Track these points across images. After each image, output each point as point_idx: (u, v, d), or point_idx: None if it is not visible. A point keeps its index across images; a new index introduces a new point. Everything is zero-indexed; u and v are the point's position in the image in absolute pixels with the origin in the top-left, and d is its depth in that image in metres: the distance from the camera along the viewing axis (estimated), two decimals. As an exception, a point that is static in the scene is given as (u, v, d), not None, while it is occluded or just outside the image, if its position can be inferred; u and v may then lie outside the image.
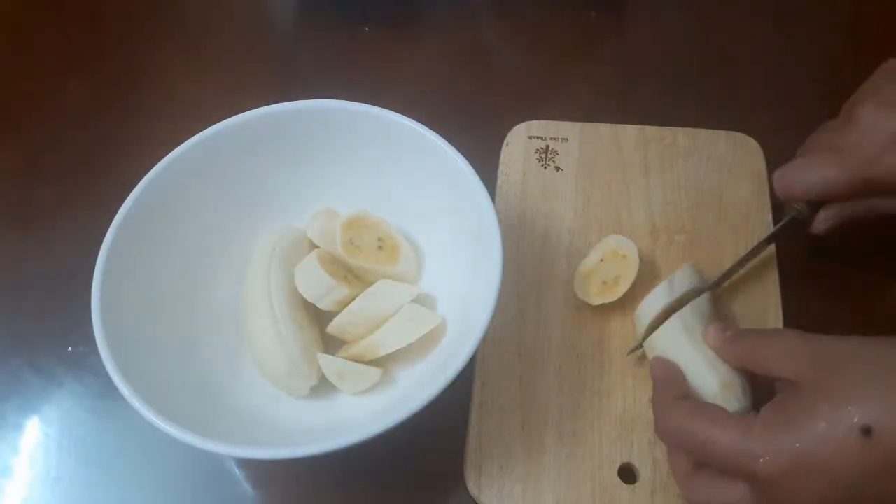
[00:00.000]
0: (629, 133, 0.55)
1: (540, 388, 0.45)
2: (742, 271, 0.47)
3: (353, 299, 0.44)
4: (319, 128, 0.46)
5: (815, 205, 0.45)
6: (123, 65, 0.63)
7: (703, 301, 0.43)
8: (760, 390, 0.39)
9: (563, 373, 0.45)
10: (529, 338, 0.47)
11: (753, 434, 0.34)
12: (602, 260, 0.48)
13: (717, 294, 0.46)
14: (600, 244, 0.49)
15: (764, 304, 0.47)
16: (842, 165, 0.42)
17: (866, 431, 0.31)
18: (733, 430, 0.34)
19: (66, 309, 0.48)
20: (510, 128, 0.55)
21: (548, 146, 0.54)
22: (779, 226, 0.47)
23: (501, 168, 0.53)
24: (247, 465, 0.45)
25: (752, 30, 0.63)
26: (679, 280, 0.44)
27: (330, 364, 0.42)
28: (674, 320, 0.42)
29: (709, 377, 0.40)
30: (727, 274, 0.46)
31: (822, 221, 0.45)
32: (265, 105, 0.45)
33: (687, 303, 0.43)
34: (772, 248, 0.49)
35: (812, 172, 0.44)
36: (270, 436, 0.41)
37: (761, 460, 0.33)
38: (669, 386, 0.40)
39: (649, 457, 0.42)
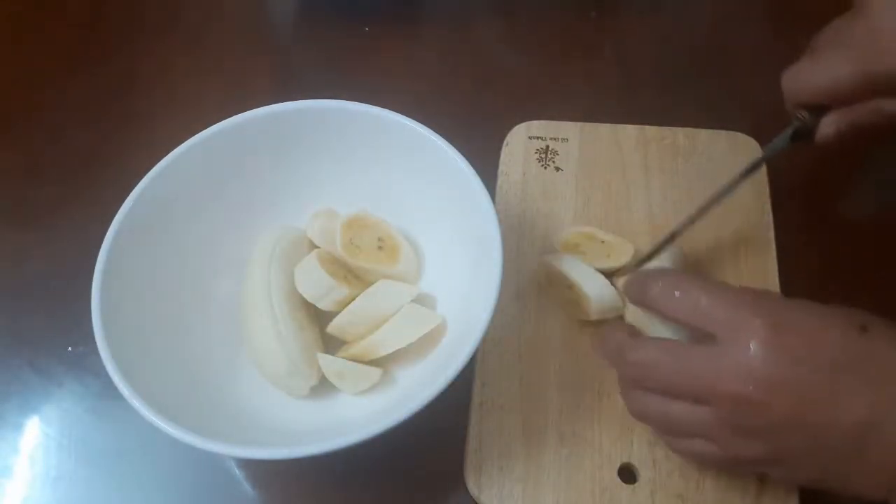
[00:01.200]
0: (629, 133, 0.55)
1: (540, 388, 0.45)
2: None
3: (353, 299, 0.44)
4: (319, 128, 0.46)
5: (820, 112, 0.43)
6: (123, 65, 0.63)
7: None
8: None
9: (563, 373, 0.45)
10: (529, 338, 0.47)
11: (739, 302, 0.35)
12: None
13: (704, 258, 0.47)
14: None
15: (763, 280, 0.47)
16: (851, 60, 0.40)
17: (863, 328, 0.32)
18: (723, 295, 0.35)
19: (66, 309, 0.48)
20: (510, 128, 0.55)
21: (548, 146, 0.54)
22: (782, 135, 0.44)
23: (501, 168, 0.53)
24: (247, 465, 0.45)
25: (752, 30, 0.63)
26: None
27: (330, 364, 0.42)
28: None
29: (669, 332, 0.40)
30: (715, 197, 0.45)
31: (828, 125, 0.42)
32: (265, 105, 0.45)
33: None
34: (769, 218, 0.49)
35: (820, 71, 0.41)
36: (270, 436, 0.41)
37: (738, 322, 0.34)
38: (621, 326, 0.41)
39: (649, 457, 0.42)
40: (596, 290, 0.44)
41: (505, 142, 0.55)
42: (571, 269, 0.45)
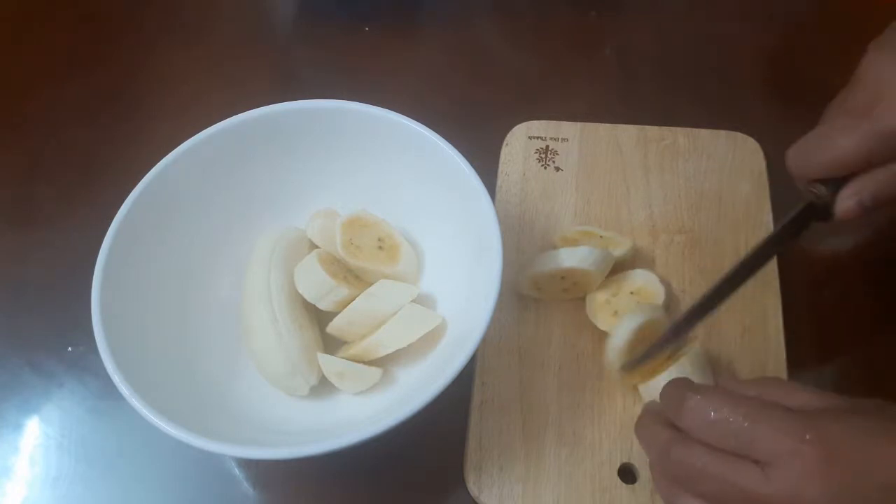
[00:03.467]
0: (629, 133, 0.55)
1: (540, 388, 0.45)
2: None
3: (353, 299, 0.44)
4: (319, 128, 0.46)
5: (835, 185, 0.40)
6: (123, 65, 0.63)
7: (699, 353, 0.43)
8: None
9: (563, 373, 0.45)
10: (529, 338, 0.47)
11: (798, 427, 0.32)
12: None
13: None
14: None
15: (763, 315, 0.47)
16: (855, 126, 0.38)
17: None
18: (782, 421, 0.32)
19: (66, 309, 0.48)
20: (510, 128, 0.55)
21: (548, 146, 0.54)
22: (792, 214, 0.41)
23: (501, 168, 0.53)
24: (247, 465, 0.45)
25: (751, 30, 0.63)
26: (688, 363, 0.42)
27: (330, 364, 0.42)
28: (673, 370, 0.42)
29: None
30: (728, 284, 0.41)
31: (848, 197, 0.39)
32: (265, 105, 0.45)
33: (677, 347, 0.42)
34: (769, 217, 0.48)
35: (828, 142, 0.39)
36: (270, 436, 0.41)
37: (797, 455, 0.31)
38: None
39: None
40: (579, 257, 0.45)
41: (505, 142, 0.55)
42: (563, 261, 0.45)
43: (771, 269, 0.48)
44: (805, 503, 0.30)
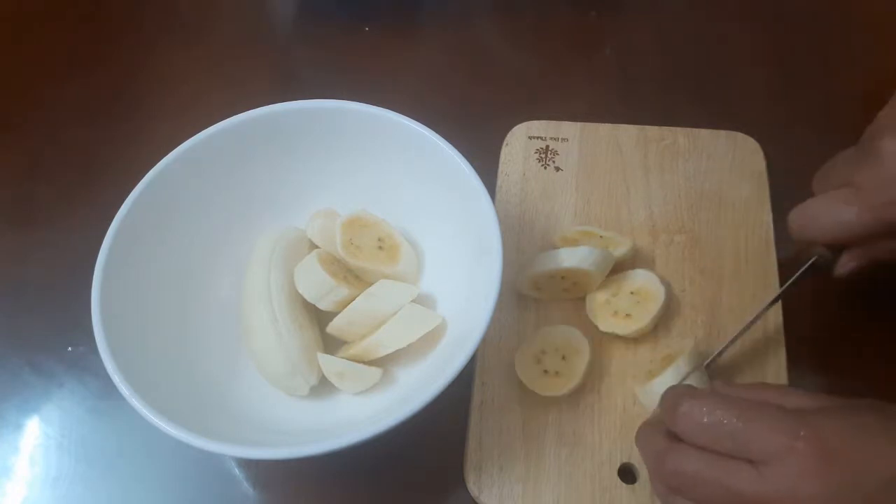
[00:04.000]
0: (629, 133, 0.55)
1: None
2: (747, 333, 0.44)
3: (353, 299, 0.44)
4: (319, 128, 0.46)
5: (837, 246, 0.43)
6: (123, 65, 0.63)
7: (694, 352, 0.43)
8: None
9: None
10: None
11: (792, 424, 0.32)
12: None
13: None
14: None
15: (764, 316, 0.46)
16: (861, 205, 0.39)
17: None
18: (778, 421, 0.32)
19: (66, 309, 0.48)
20: (510, 128, 0.55)
21: (548, 146, 0.54)
22: (798, 273, 0.44)
23: (501, 168, 0.53)
24: (247, 465, 0.45)
25: (751, 30, 0.63)
26: (684, 365, 0.43)
27: (330, 364, 0.42)
28: (669, 371, 0.42)
29: None
30: (730, 342, 0.44)
31: (848, 262, 0.42)
32: (265, 105, 0.45)
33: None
34: (769, 218, 0.48)
35: (829, 213, 0.41)
36: (270, 436, 0.41)
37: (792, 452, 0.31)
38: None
39: (649, 457, 0.42)
40: (579, 257, 0.45)
41: (505, 142, 0.55)
42: (563, 261, 0.45)
43: (771, 270, 0.48)
44: (802, 500, 0.30)
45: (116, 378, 0.36)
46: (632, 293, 0.46)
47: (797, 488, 0.30)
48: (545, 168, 0.53)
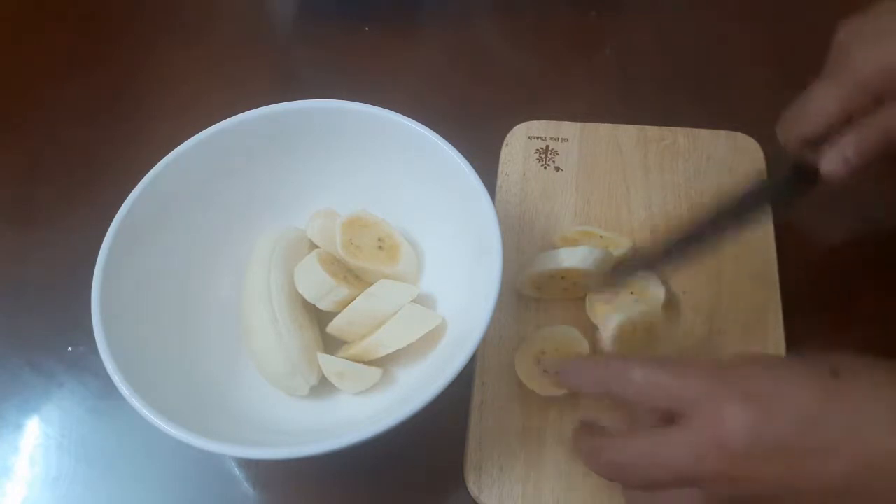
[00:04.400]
0: (629, 133, 0.55)
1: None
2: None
3: (353, 299, 0.44)
4: (319, 128, 0.46)
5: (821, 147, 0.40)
6: (123, 65, 0.63)
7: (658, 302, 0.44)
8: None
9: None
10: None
11: (710, 374, 0.33)
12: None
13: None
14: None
15: (764, 310, 0.47)
16: (833, 83, 0.39)
17: (834, 373, 0.31)
18: (696, 373, 0.33)
19: (66, 309, 0.48)
20: (510, 128, 0.55)
21: (548, 146, 0.54)
22: (777, 178, 0.42)
23: (501, 168, 0.53)
24: (247, 465, 0.45)
25: (752, 30, 0.63)
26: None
27: (330, 364, 0.42)
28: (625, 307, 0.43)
29: None
30: (710, 227, 0.42)
31: (833, 156, 0.39)
32: (265, 105, 0.45)
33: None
34: (774, 266, 0.48)
35: (805, 102, 0.40)
36: (270, 436, 0.41)
37: (712, 398, 0.32)
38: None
39: (649, 457, 0.42)
40: (579, 257, 0.45)
41: (505, 142, 0.55)
42: (563, 261, 0.45)
43: (770, 265, 0.48)
44: (734, 451, 0.31)
45: (116, 378, 0.36)
46: (632, 293, 0.46)
47: (725, 435, 0.31)
48: (545, 168, 0.53)
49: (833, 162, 0.38)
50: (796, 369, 0.33)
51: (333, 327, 0.44)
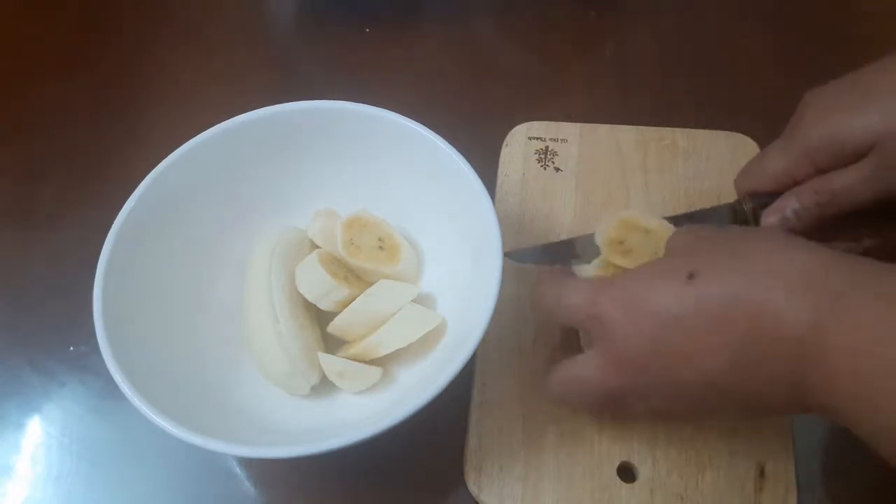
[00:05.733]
0: (629, 134, 0.55)
1: (540, 388, 0.45)
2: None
3: (354, 299, 0.44)
4: (319, 128, 0.46)
5: (765, 202, 0.42)
6: (123, 66, 0.64)
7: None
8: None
9: (562, 372, 0.45)
10: (529, 337, 0.47)
11: (595, 284, 0.37)
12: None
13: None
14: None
15: None
16: (784, 147, 0.41)
17: (691, 276, 0.34)
18: (581, 285, 0.37)
19: (68, 308, 0.48)
20: (510, 128, 0.55)
21: (547, 147, 0.54)
22: (702, 209, 0.45)
23: (501, 168, 0.54)
24: (247, 464, 0.45)
25: (752, 30, 0.63)
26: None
27: (330, 364, 0.42)
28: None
29: None
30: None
31: (771, 213, 0.41)
32: (265, 105, 0.45)
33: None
34: None
35: (758, 159, 0.43)
36: (271, 435, 0.41)
37: (592, 304, 0.36)
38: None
39: (648, 455, 0.42)
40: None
41: (505, 142, 0.55)
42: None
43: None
44: (621, 361, 0.35)
45: (118, 377, 0.36)
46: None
47: (612, 347, 0.36)
48: (545, 169, 0.54)
49: (772, 219, 0.41)
50: (659, 275, 0.35)
51: (334, 327, 0.44)
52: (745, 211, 0.43)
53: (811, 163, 0.40)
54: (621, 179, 0.53)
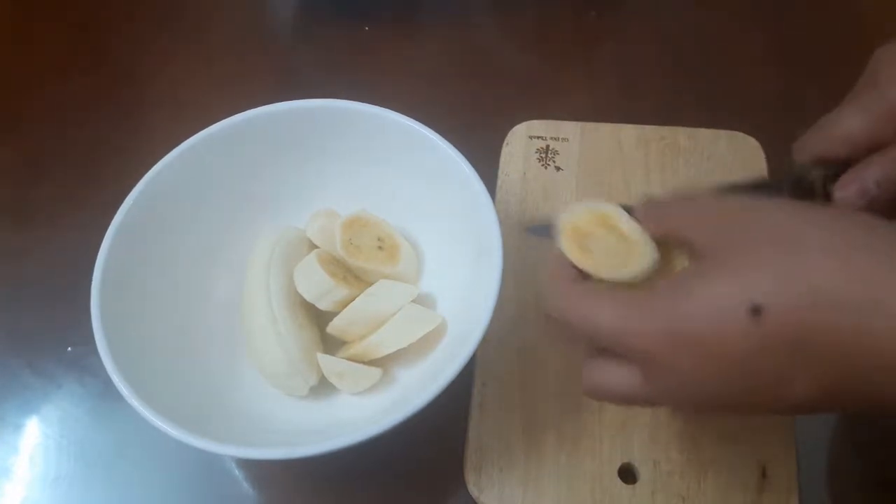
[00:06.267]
0: (629, 133, 0.55)
1: (540, 388, 0.45)
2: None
3: (353, 299, 0.44)
4: (319, 128, 0.46)
5: (835, 170, 0.36)
6: (123, 65, 0.63)
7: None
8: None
9: (562, 372, 0.45)
10: (529, 337, 0.47)
11: (633, 308, 0.31)
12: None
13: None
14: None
15: None
16: (861, 107, 0.35)
17: (756, 311, 0.28)
18: (615, 306, 0.31)
19: (66, 309, 0.48)
20: (510, 128, 0.55)
21: (548, 146, 0.54)
22: (777, 183, 0.38)
23: (502, 168, 0.53)
24: (247, 465, 0.45)
25: (752, 30, 0.63)
26: None
27: (330, 364, 0.42)
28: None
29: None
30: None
31: (848, 183, 0.35)
32: (265, 105, 0.45)
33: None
34: None
35: (831, 120, 0.36)
36: (270, 436, 0.41)
37: (636, 336, 0.30)
38: (566, 269, 0.35)
39: (649, 457, 0.42)
40: None
41: (505, 142, 0.55)
42: None
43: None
44: (670, 395, 0.32)
45: (116, 378, 0.36)
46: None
47: (658, 382, 0.31)
48: (546, 168, 0.53)
49: (850, 189, 0.35)
50: (720, 309, 0.29)
51: (333, 327, 0.44)
52: (812, 180, 0.36)
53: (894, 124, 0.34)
54: (622, 179, 0.53)
